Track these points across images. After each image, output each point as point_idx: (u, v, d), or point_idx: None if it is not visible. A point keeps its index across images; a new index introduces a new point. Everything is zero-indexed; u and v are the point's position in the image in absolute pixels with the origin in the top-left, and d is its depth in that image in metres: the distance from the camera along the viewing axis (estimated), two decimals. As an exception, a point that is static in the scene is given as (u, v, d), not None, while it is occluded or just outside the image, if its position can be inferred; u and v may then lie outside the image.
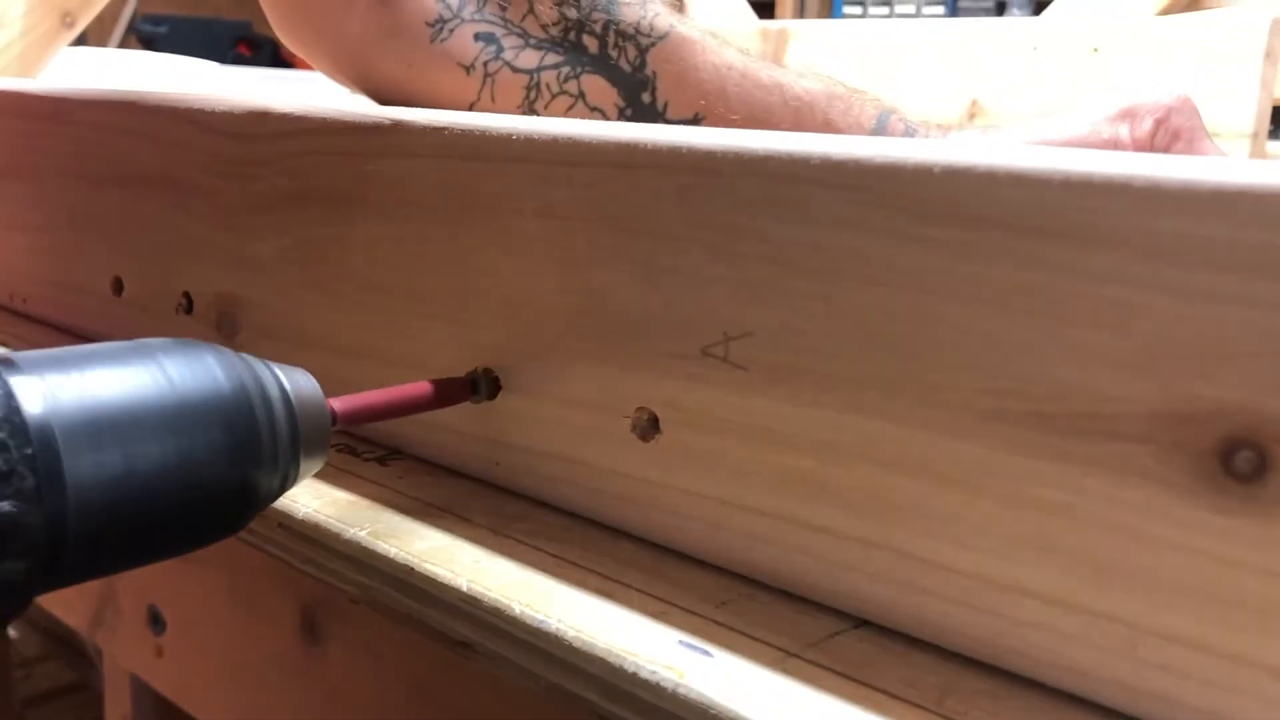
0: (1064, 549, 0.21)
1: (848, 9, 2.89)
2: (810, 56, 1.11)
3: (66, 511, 0.21)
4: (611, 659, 0.23)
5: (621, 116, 0.43)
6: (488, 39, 0.43)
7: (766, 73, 0.44)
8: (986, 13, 2.60)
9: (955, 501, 0.23)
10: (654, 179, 0.26)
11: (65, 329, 0.47)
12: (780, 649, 0.23)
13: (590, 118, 0.43)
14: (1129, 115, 0.41)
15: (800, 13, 2.70)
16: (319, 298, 0.36)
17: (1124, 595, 0.21)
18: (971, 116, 1.02)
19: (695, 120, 0.43)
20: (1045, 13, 1.14)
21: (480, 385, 0.31)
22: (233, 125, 0.37)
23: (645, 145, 0.26)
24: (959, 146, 0.23)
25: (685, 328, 0.26)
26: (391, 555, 0.27)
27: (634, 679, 0.22)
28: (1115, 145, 0.41)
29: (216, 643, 0.57)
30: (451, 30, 0.43)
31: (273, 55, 3.55)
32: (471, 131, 0.30)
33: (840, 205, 0.23)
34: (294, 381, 0.26)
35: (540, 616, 0.24)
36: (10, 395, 0.20)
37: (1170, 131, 0.40)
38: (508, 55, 0.43)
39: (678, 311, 0.26)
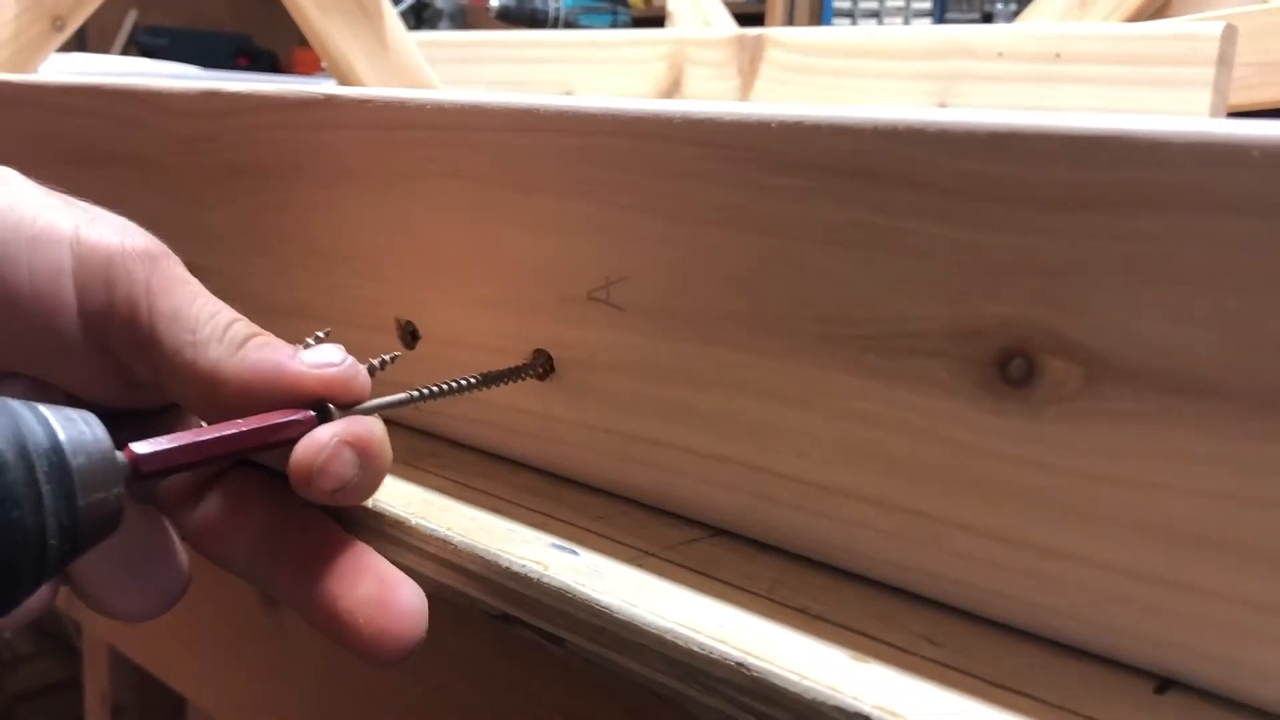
0: (880, 455, 0.24)
1: (837, 20, 2.93)
2: (786, 62, 1.14)
3: None
4: (489, 557, 0.26)
5: None
6: None
7: None
8: (973, 20, 2.64)
9: (793, 417, 0.26)
10: (542, 140, 0.29)
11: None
12: (640, 550, 0.26)
13: None
14: None
15: (790, 18, 2.73)
16: (264, 263, 0.39)
17: (928, 493, 0.24)
18: (939, 120, 1.05)
19: None
20: (1015, 20, 1.16)
21: (330, 419, 0.25)
22: (186, 105, 0.40)
23: (536, 111, 0.30)
24: (794, 105, 0.26)
25: (572, 274, 0.29)
26: (309, 480, 0.30)
27: (507, 572, 0.25)
28: None
29: (183, 610, 0.60)
30: None
31: (272, 67, 3.59)
32: (392, 103, 0.33)
33: (698, 159, 0.26)
34: (70, 428, 0.20)
35: (432, 526, 0.27)
36: None
37: None
38: None
39: (566, 260, 0.29)
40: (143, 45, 3.59)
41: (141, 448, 0.22)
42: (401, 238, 0.34)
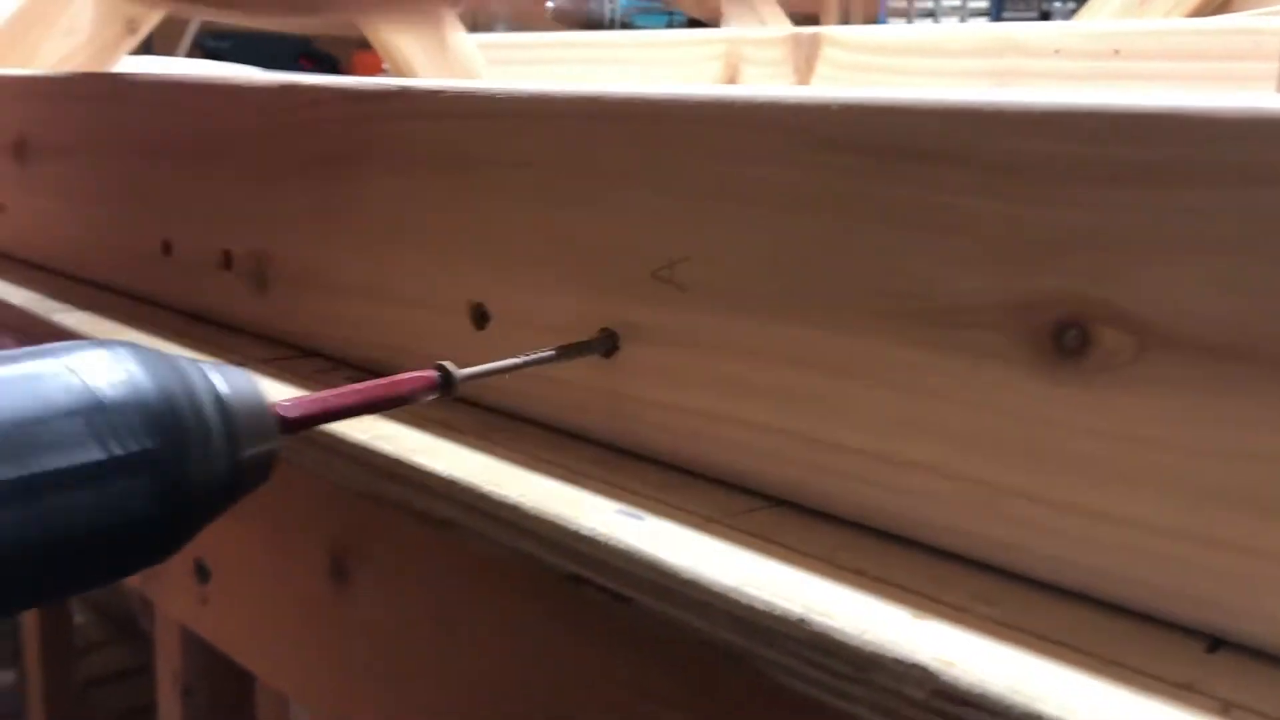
0: (937, 425, 0.25)
1: (892, 19, 2.92)
2: (843, 61, 1.14)
3: None
4: (559, 521, 0.27)
5: None
6: None
7: None
8: (1030, 17, 2.62)
9: (852, 390, 0.26)
10: (610, 128, 0.31)
11: (120, 290, 0.52)
12: (703, 516, 0.27)
13: None
14: None
15: (845, 19, 2.72)
16: (337, 248, 0.40)
17: (984, 461, 0.25)
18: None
19: None
20: (1073, 18, 1.16)
21: (452, 382, 0.27)
22: (265, 99, 0.42)
23: (604, 98, 0.31)
24: (850, 88, 0.27)
25: (637, 256, 0.31)
26: (386, 451, 0.32)
27: (576, 535, 0.26)
28: None
29: (254, 589, 0.62)
30: None
31: (332, 70, 3.64)
32: (464, 93, 0.35)
33: (760, 141, 0.27)
34: (235, 390, 0.22)
35: (504, 493, 0.29)
36: None
37: None
38: None
39: (630, 242, 0.31)
40: (206, 49, 3.66)
41: (289, 405, 0.23)
42: (472, 222, 0.35)
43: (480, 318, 0.35)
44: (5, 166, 0.60)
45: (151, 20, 1.07)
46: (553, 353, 0.30)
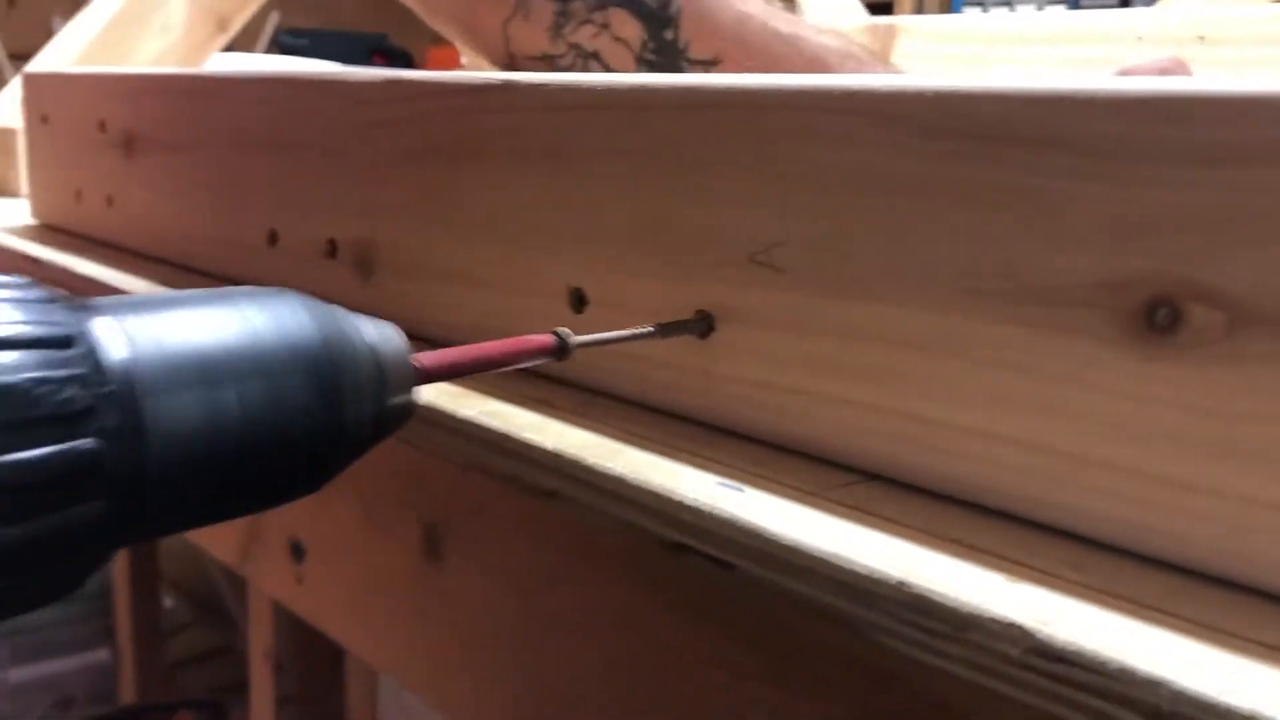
0: (1029, 401, 0.26)
1: (967, 9, 2.89)
2: (919, 51, 1.14)
3: (146, 452, 0.20)
4: (663, 492, 0.28)
5: (644, 50, 0.46)
6: None
7: (787, 26, 0.48)
8: (1110, 5, 2.58)
9: (945, 368, 0.28)
10: (708, 117, 0.32)
11: (228, 279, 0.55)
12: (801, 489, 0.29)
13: (614, 50, 0.47)
14: (1127, 75, 0.44)
15: (920, 8, 2.71)
16: (439, 236, 0.42)
17: (1075, 435, 0.26)
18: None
19: (713, 61, 0.47)
20: (1155, 4, 1.14)
21: (567, 346, 0.29)
22: (369, 93, 0.44)
23: (702, 89, 0.32)
24: (942, 76, 0.28)
25: (734, 240, 0.32)
26: (495, 426, 0.33)
27: (680, 504, 0.28)
28: None
29: (349, 566, 0.64)
30: None
31: (407, 65, 3.69)
32: (568, 86, 0.36)
33: (855, 127, 0.29)
34: (384, 338, 0.25)
35: (609, 465, 0.30)
36: (87, 335, 0.20)
37: None
38: None
39: (728, 227, 0.32)
40: (284, 46, 3.73)
41: (426, 357, 0.26)
42: (572, 211, 0.37)
43: (579, 302, 0.37)
44: (114, 161, 0.63)
45: (242, 18, 1.10)
46: (653, 329, 0.32)
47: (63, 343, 0.19)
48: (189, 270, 0.58)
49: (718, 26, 0.48)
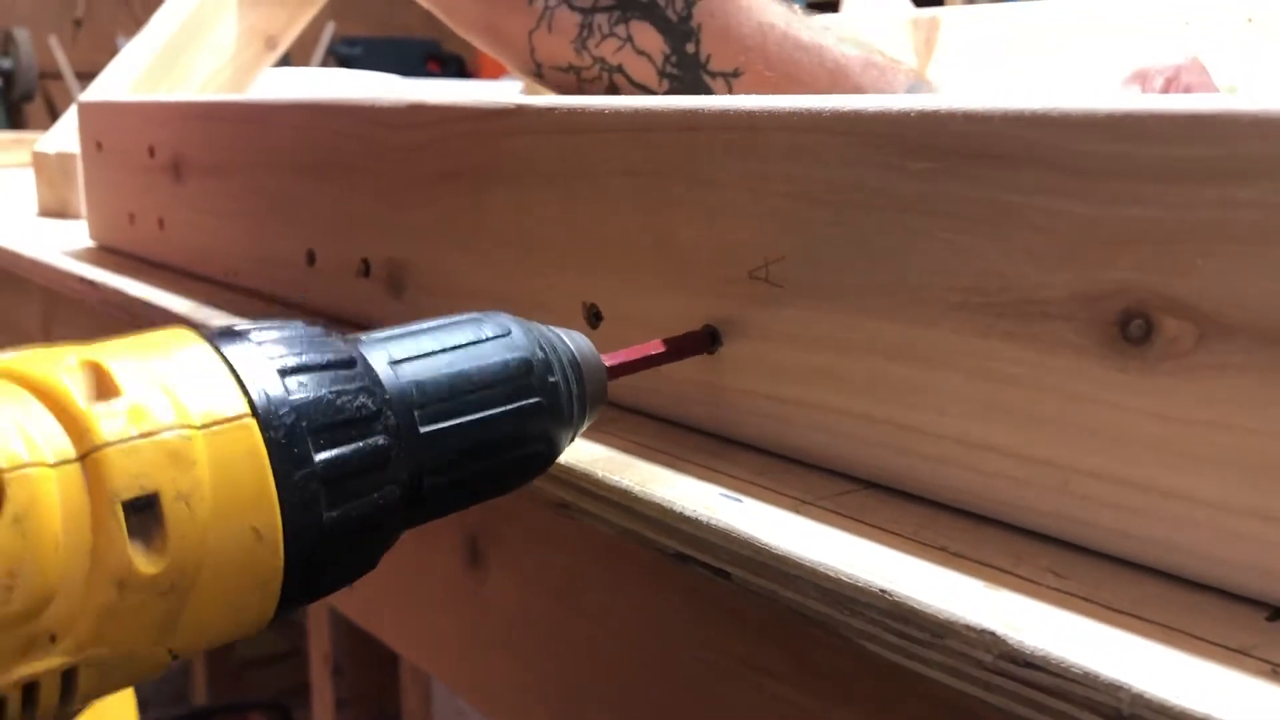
0: (1014, 410, 0.27)
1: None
2: (963, 42, 1.14)
3: (421, 446, 0.24)
4: (665, 504, 0.30)
5: (666, 63, 0.47)
6: None
7: (808, 35, 0.48)
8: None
9: (935, 379, 0.28)
10: (709, 138, 0.33)
11: (268, 296, 0.57)
12: (797, 499, 0.30)
13: (637, 63, 0.47)
14: (1140, 76, 0.45)
15: (969, -3, 2.68)
16: (465, 256, 0.44)
17: (1057, 443, 0.26)
18: (1121, 94, 1.03)
19: (735, 74, 0.48)
20: (1199, -12, 1.13)
21: (718, 337, 0.34)
22: (395, 118, 0.46)
23: (703, 111, 0.33)
24: (929, 96, 0.28)
25: (735, 257, 0.33)
26: (509, 442, 0.35)
27: (681, 516, 0.29)
28: None
29: (398, 575, 0.66)
30: None
31: (460, 71, 3.74)
32: (575, 109, 0.37)
33: (845, 147, 0.29)
34: (577, 345, 0.29)
35: (615, 478, 0.31)
36: (363, 358, 0.25)
37: (1182, 88, 0.44)
38: None
39: (730, 243, 0.33)
40: (339, 55, 3.79)
41: (609, 358, 0.31)
42: (585, 229, 0.38)
43: (594, 317, 0.38)
44: (164, 185, 0.65)
45: (290, 35, 1.13)
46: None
47: (347, 364, 0.24)
48: (235, 289, 0.60)
49: (740, 38, 0.48)
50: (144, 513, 0.20)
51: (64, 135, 0.97)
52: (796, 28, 0.49)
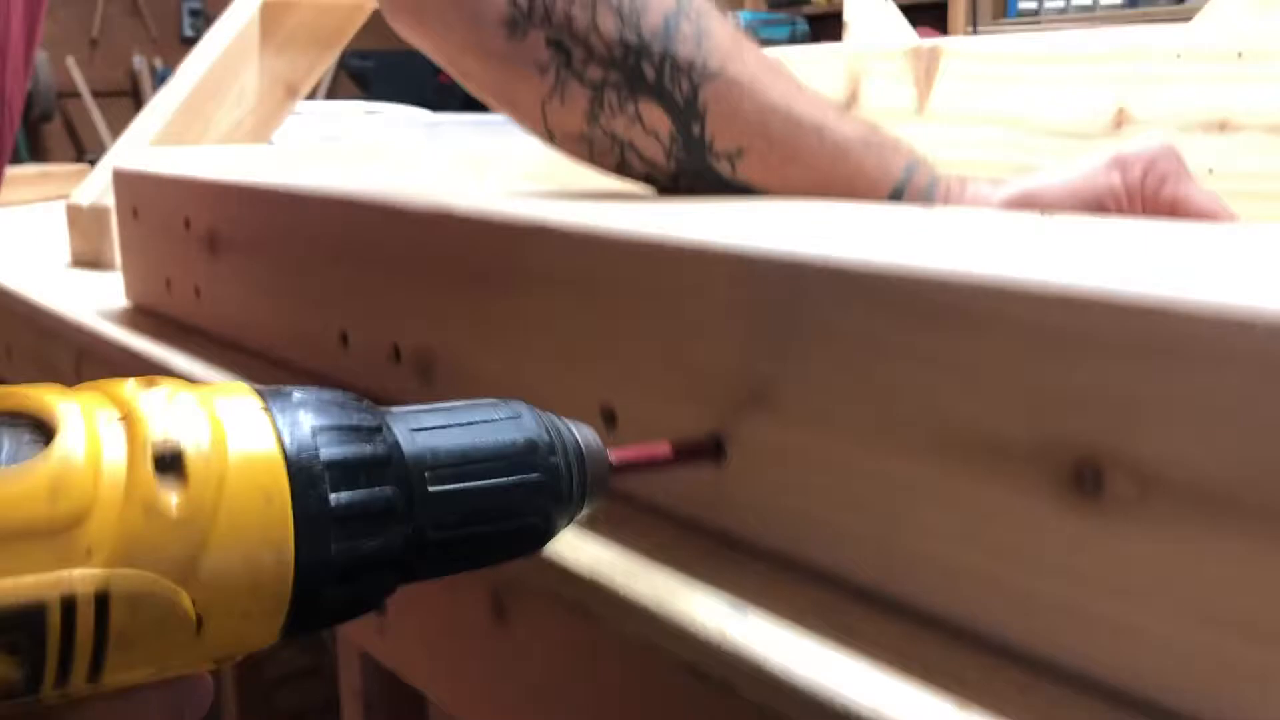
0: (990, 540, 0.30)
1: (1023, 4, 2.88)
2: (961, 71, 1.17)
3: (426, 504, 0.27)
4: (677, 619, 0.33)
5: (673, 144, 0.49)
6: (558, 46, 0.49)
7: (810, 116, 0.50)
8: (1169, 1, 2.56)
9: (920, 506, 0.32)
10: (711, 271, 0.36)
11: (305, 372, 0.61)
12: (799, 612, 0.33)
13: (646, 141, 0.50)
14: (1119, 164, 0.48)
15: (973, 11, 2.72)
16: (490, 350, 0.47)
17: (1027, 572, 0.30)
18: (1118, 125, 1.06)
19: (739, 153, 0.50)
20: (1193, 20, 1.16)
21: (723, 448, 0.37)
22: (424, 220, 0.49)
23: (705, 250, 0.37)
24: (910, 257, 0.32)
25: (740, 378, 0.36)
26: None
27: (691, 635, 0.32)
28: (1110, 191, 0.48)
29: (426, 623, 0.70)
30: (525, 32, 0.49)
31: (469, 82, 3.75)
32: (589, 234, 0.41)
33: (822, 294, 0.33)
34: (583, 436, 0.31)
35: (625, 592, 0.35)
36: (389, 425, 0.28)
37: (1158, 175, 0.47)
38: (576, 66, 0.49)
39: (734, 364, 0.36)
40: (350, 69, 3.83)
41: (615, 454, 0.33)
42: (602, 337, 0.41)
43: (609, 419, 0.42)
44: (200, 256, 0.69)
45: (309, 82, 1.17)
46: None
47: (374, 428, 0.27)
48: (271, 361, 0.63)
49: (744, 123, 0.50)
50: (171, 464, 0.24)
51: (97, 187, 1.01)
52: (799, 110, 0.51)
